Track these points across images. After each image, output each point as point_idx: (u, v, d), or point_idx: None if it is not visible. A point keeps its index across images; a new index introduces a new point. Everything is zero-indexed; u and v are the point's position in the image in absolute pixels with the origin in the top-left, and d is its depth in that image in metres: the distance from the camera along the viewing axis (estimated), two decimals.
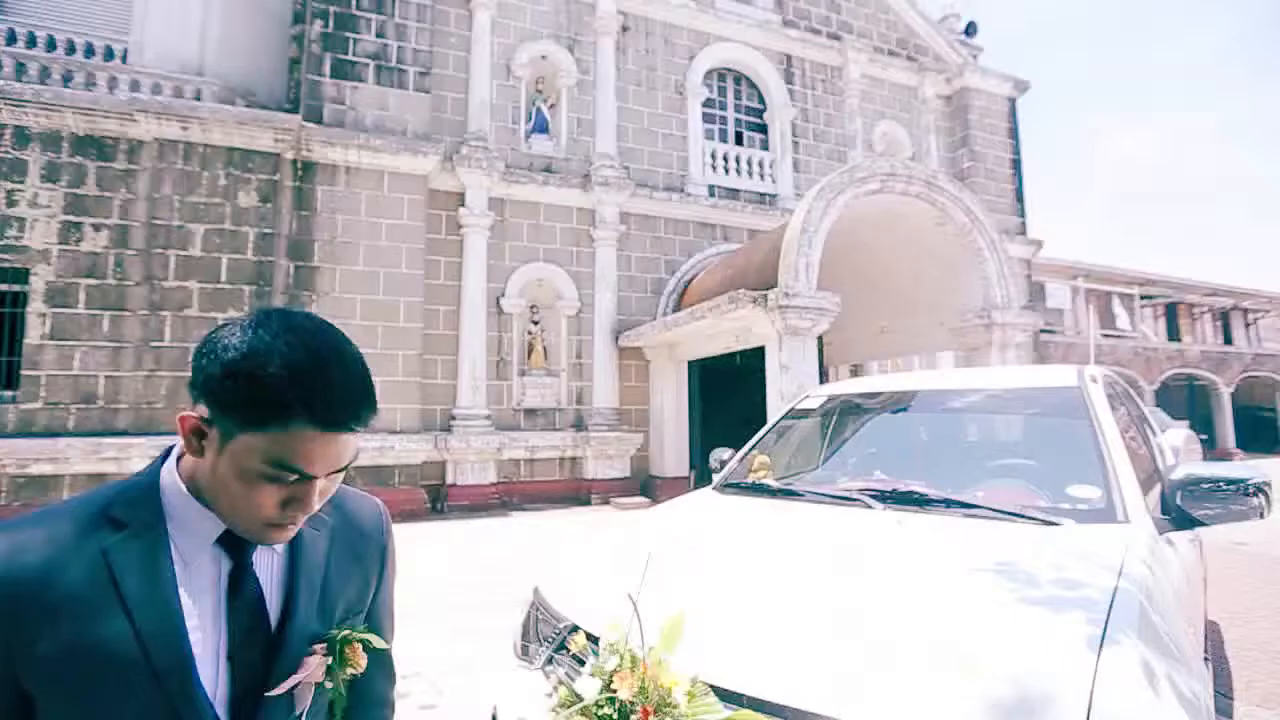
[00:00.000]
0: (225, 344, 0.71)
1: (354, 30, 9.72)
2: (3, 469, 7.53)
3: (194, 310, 8.33)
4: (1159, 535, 1.77)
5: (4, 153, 7.95)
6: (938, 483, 2.13)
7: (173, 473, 0.79)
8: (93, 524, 0.72)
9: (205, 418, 0.72)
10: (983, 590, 1.37)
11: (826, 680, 1.16)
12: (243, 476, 0.70)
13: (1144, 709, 1.06)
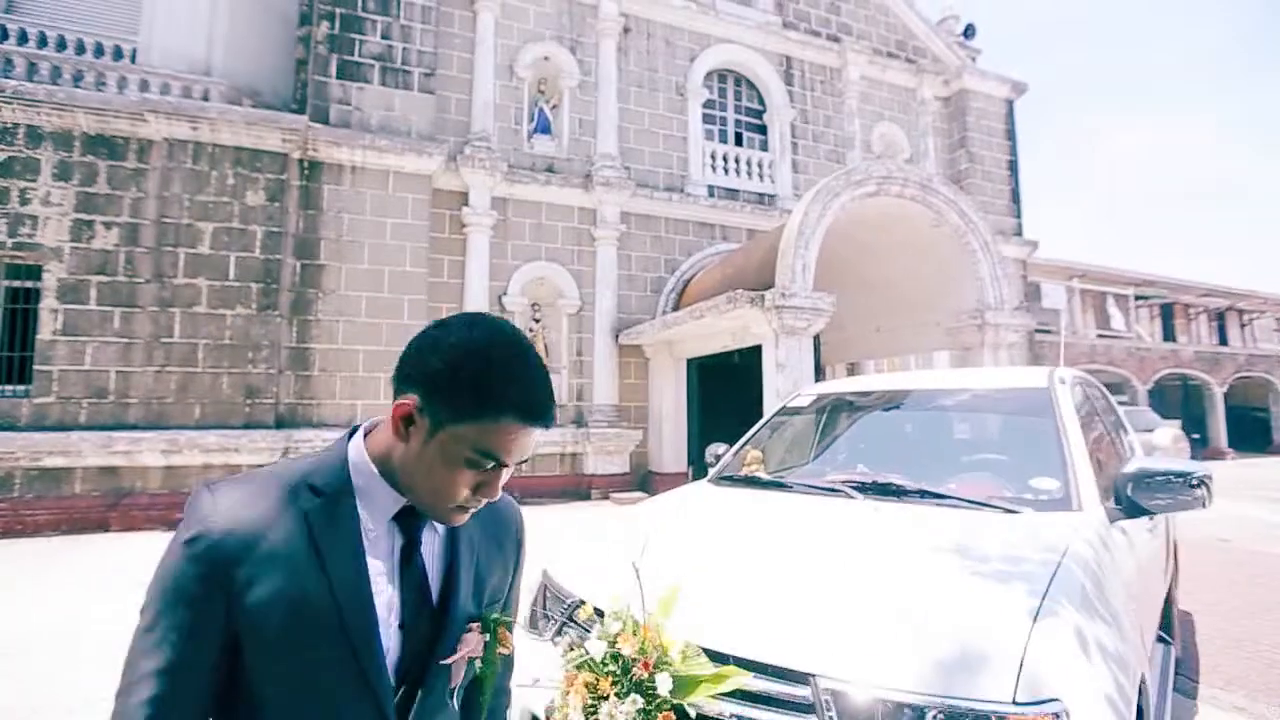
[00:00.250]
0: (446, 343, 0.78)
1: (359, 32, 9.87)
2: (16, 462, 7.71)
3: (203, 307, 8.50)
4: (1110, 523, 1.95)
5: (17, 152, 8.10)
6: (915, 476, 2.30)
7: (361, 451, 0.85)
8: (296, 489, 0.80)
9: (418, 407, 0.78)
10: (941, 567, 1.55)
11: (798, 641, 1.34)
12: (447, 461, 0.77)
13: (1069, 666, 1.24)
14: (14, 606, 4.85)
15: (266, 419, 8.64)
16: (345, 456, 0.85)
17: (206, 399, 8.39)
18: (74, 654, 3.91)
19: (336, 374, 9.17)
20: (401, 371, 0.81)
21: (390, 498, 0.83)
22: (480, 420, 0.76)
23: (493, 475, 0.81)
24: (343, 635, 0.76)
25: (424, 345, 0.80)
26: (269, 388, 8.68)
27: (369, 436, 0.87)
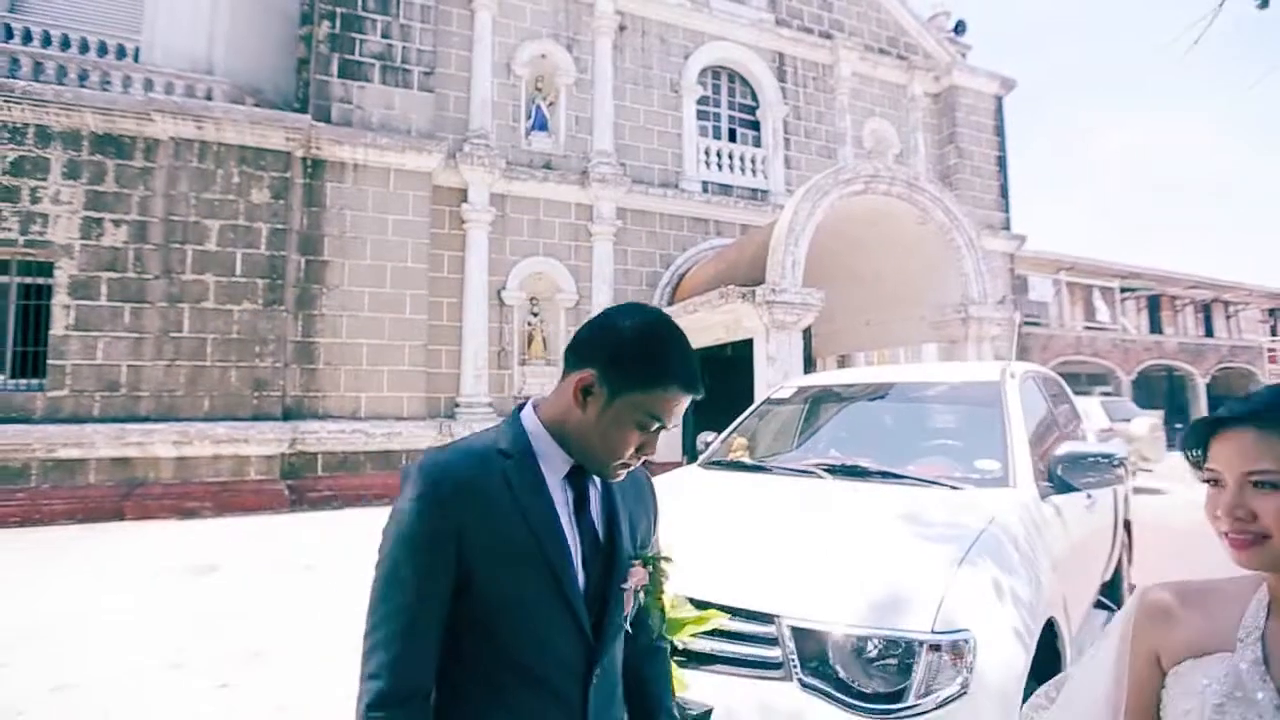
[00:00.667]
0: (622, 327, 0.94)
1: (360, 31, 10.06)
2: (33, 453, 7.97)
3: (210, 303, 8.74)
4: (1041, 498, 2.27)
5: (27, 151, 8.30)
6: (881, 459, 2.61)
7: (535, 421, 0.99)
8: (491, 453, 0.95)
9: (597, 380, 0.92)
10: (889, 532, 1.86)
11: (765, 589, 1.65)
12: (620, 424, 0.92)
13: (979, 605, 1.55)
14: (34, 592, 5.15)
15: (274, 411, 8.91)
16: (523, 426, 0.99)
17: (215, 392, 8.65)
18: (86, 638, 4.21)
19: (341, 367, 9.44)
20: (579, 352, 0.97)
21: (562, 459, 0.97)
22: (651, 389, 0.91)
23: (653, 437, 0.95)
24: (546, 566, 0.92)
25: (600, 329, 0.96)
26: (276, 381, 8.95)
27: (538, 409, 1.01)
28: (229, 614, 4.54)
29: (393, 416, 9.62)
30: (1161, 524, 7.81)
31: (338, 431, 9.20)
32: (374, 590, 0.91)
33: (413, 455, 9.57)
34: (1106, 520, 3.29)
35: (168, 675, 3.53)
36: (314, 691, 3.33)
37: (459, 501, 0.89)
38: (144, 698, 3.27)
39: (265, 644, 3.98)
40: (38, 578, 5.48)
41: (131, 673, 3.55)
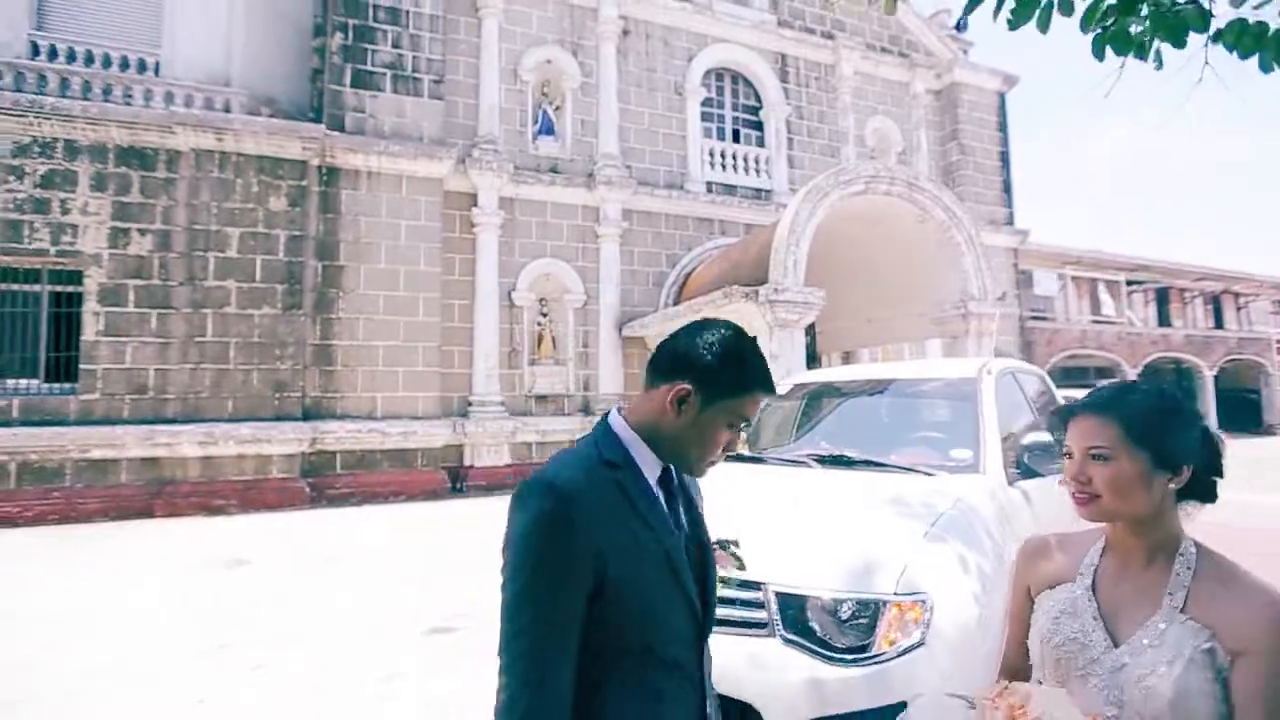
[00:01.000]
0: (709, 343, 1.04)
1: (371, 42, 10.35)
2: (67, 454, 8.33)
3: (232, 308, 9.07)
4: (1009, 483, 2.50)
5: (56, 164, 8.65)
6: (866, 449, 2.85)
7: (627, 429, 1.07)
8: (600, 464, 1.02)
9: (690, 390, 1.02)
10: (864, 512, 2.10)
11: (753, 561, 1.89)
12: (714, 427, 1.03)
13: (939, 572, 1.79)
14: (78, 584, 5.47)
15: (294, 411, 9.24)
16: (619, 436, 1.06)
17: (239, 394, 8.98)
18: (129, 624, 4.52)
19: (358, 368, 9.75)
20: (669, 367, 1.06)
21: (654, 462, 1.06)
22: (739, 395, 1.03)
23: (737, 437, 1.07)
24: (666, 562, 1.01)
25: (689, 347, 1.05)
26: (296, 382, 9.27)
27: (627, 418, 1.09)
28: (260, 603, 4.83)
29: (408, 416, 9.92)
30: None
31: (355, 431, 9.52)
32: (511, 605, 0.94)
33: (427, 453, 9.91)
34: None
35: (207, 658, 3.82)
36: (345, 673, 3.61)
37: (588, 518, 0.94)
38: (187, 678, 3.55)
39: (296, 631, 4.27)
40: (80, 571, 5.81)
41: (174, 655, 3.84)
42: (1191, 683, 0.91)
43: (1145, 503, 1.01)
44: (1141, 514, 1.02)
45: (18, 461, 8.18)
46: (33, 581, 5.45)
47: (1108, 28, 2.03)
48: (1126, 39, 2.00)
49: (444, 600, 4.73)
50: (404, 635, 4.10)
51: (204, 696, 3.31)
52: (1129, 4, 1.98)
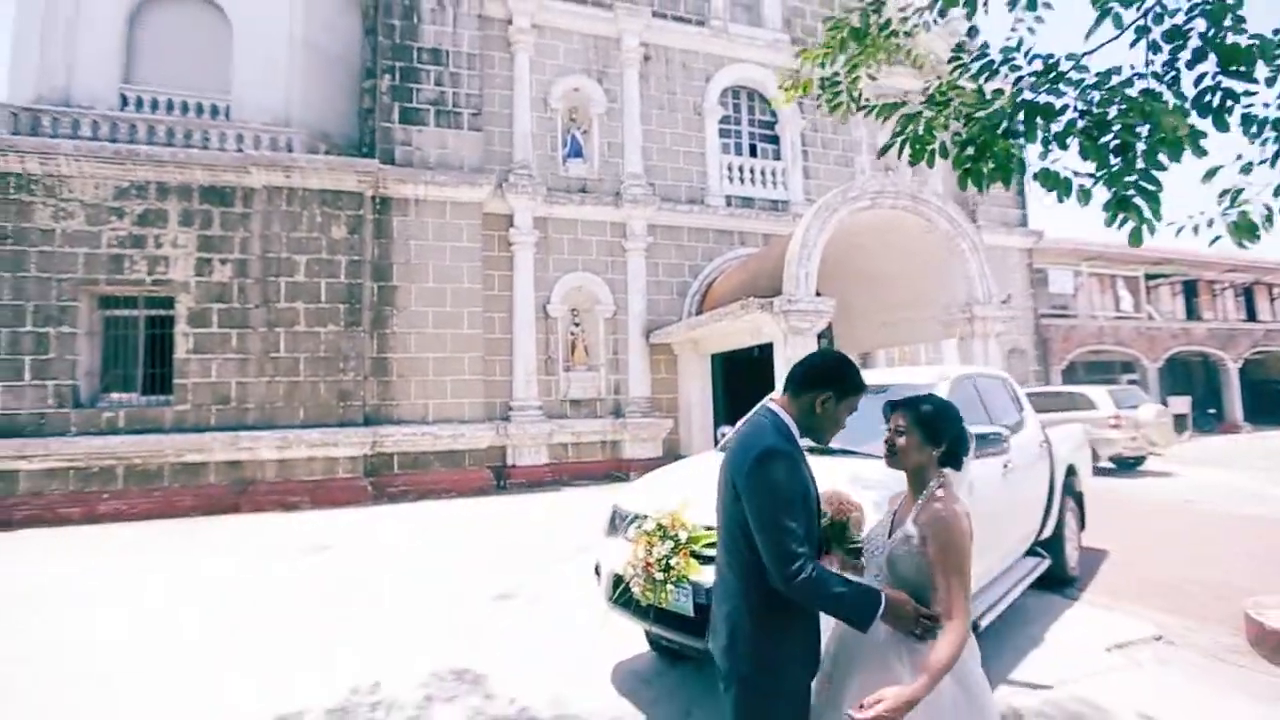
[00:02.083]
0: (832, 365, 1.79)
1: (417, 81, 11.40)
2: (165, 458, 9.49)
3: (302, 326, 10.16)
4: None
5: (150, 205, 9.84)
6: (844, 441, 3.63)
7: (790, 420, 1.76)
8: (787, 440, 1.71)
9: (828, 396, 1.75)
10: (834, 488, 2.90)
11: None
12: (841, 415, 1.77)
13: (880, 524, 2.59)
14: (196, 566, 6.52)
15: (356, 418, 10.29)
16: (787, 424, 1.77)
17: (308, 403, 10.07)
18: (245, 595, 5.51)
19: (411, 378, 10.78)
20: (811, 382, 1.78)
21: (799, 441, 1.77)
22: (854, 395, 1.79)
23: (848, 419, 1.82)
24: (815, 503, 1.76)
25: (823, 369, 1.79)
26: (357, 392, 10.33)
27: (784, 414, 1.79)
28: (352, 578, 5.79)
29: (456, 420, 10.91)
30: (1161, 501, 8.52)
31: (410, 434, 10.54)
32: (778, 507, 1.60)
33: (474, 454, 10.88)
34: (1033, 490, 4.24)
35: (312, 620, 4.76)
36: (424, 627, 4.51)
37: (800, 462, 1.72)
38: (299, 635, 4.49)
39: (392, 595, 5.20)
40: (210, 553, 6.87)
41: (282, 619, 4.79)
42: (901, 553, 1.70)
43: (917, 461, 1.80)
44: (914, 467, 1.81)
45: (124, 465, 9.37)
46: (183, 560, 6.51)
47: (968, 169, 2.86)
48: (980, 176, 2.84)
49: (501, 577, 5.63)
50: (478, 600, 5.00)
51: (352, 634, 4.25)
52: (979, 154, 2.78)
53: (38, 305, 9.30)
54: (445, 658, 3.84)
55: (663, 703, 3.21)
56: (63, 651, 4.09)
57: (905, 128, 3.09)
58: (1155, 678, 3.37)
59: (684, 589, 2.76)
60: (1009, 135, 2.84)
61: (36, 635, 4.38)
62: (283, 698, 3.35)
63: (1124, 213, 2.68)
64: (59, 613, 4.86)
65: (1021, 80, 2.91)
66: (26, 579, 5.95)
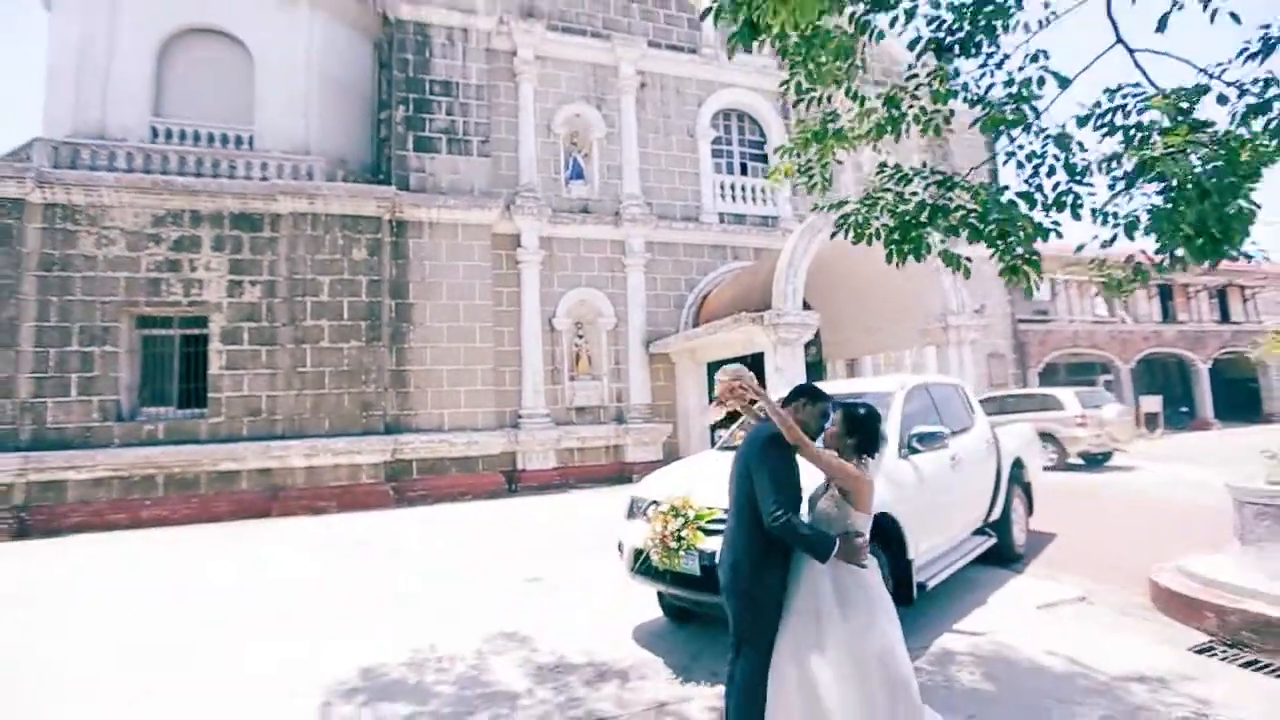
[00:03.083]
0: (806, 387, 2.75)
1: (429, 112, 12.21)
2: (201, 467, 10.22)
3: (326, 342, 10.92)
4: (902, 457, 4.08)
5: (185, 231, 10.60)
6: None
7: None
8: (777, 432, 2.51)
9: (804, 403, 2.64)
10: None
11: None
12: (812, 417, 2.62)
13: None
14: (248, 560, 7.27)
15: (378, 427, 11.05)
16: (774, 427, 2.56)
17: (333, 414, 10.82)
18: (303, 582, 6.26)
19: (428, 389, 11.55)
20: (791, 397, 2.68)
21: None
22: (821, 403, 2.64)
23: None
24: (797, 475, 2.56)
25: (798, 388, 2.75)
26: (378, 403, 11.09)
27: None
28: (393, 567, 6.54)
29: (469, 428, 11.68)
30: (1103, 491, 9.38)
31: (428, 442, 11.30)
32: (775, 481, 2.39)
33: (486, 459, 11.65)
34: (979, 479, 5.07)
35: (370, 598, 5.53)
36: (468, 604, 5.27)
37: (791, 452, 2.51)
38: (361, 610, 5.25)
39: (434, 580, 5.97)
40: (240, 554, 7.61)
41: (343, 599, 5.55)
42: (821, 496, 2.51)
43: (838, 446, 2.60)
44: (838, 449, 2.59)
45: (164, 474, 10.09)
46: (246, 554, 7.25)
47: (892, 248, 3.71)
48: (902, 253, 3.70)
49: (526, 565, 6.40)
50: (510, 582, 5.77)
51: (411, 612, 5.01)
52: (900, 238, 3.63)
53: (83, 326, 10.04)
54: (491, 625, 4.61)
55: (675, 652, 4.00)
56: (216, 614, 4.85)
57: (849, 219, 3.91)
58: (1070, 628, 4.18)
59: (692, 555, 3.56)
60: (920, 226, 3.67)
61: (199, 605, 5.13)
62: (362, 655, 4.12)
63: (1014, 276, 3.53)
64: (195, 589, 5.61)
65: (928, 187, 3.76)
66: (152, 567, 6.70)
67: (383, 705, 3.48)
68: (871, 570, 2.45)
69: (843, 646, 2.26)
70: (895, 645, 2.32)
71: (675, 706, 3.29)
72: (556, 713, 3.29)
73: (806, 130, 4.43)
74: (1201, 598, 3.98)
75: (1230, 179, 2.82)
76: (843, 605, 2.32)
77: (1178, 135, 3.06)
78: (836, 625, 2.29)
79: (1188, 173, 2.89)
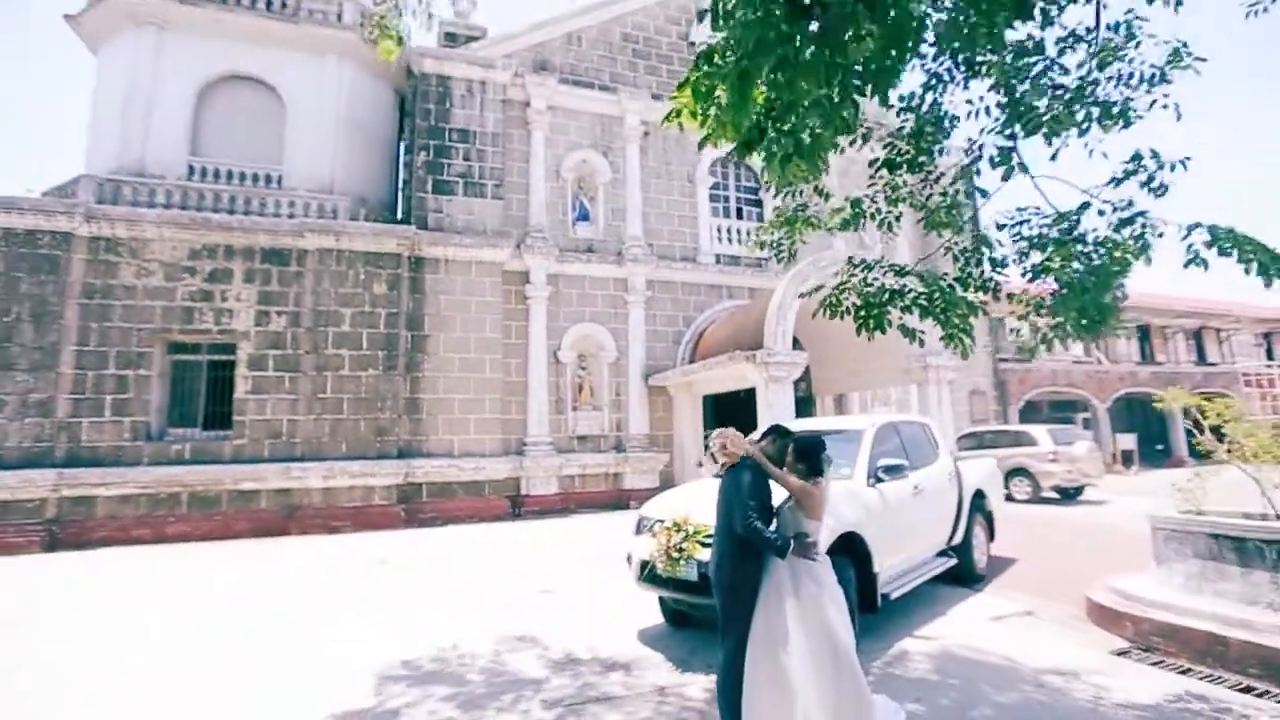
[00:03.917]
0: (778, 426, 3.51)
1: (448, 157, 13.14)
2: (224, 486, 10.81)
3: (345, 370, 11.62)
4: (869, 485, 4.81)
5: (218, 264, 11.37)
6: None
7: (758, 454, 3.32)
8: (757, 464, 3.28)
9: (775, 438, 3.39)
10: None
11: None
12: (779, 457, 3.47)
13: None
14: (272, 574, 7.85)
15: (391, 451, 11.69)
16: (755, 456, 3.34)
17: (350, 438, 11.47)
18: (334, 590, 6.87)
19: (439, 416, 12.22)
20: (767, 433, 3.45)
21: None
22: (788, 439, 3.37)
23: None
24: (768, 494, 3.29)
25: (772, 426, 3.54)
26: (393, 429, 11.75)
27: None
28: (414, 580, 7.16)
29: (478, 454, 12.33)
30: (1070, 522, 10.07)
31: (438, 466, 11.93)
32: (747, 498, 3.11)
33: (493, 484, 12.28)
34: (941, 507, 5.78)
35: (393, 607, 6.14)
36: (502, 606, 5.90)
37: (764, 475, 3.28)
38: (387, 617, 5.87)
39: (454, 592, 6.59)
40: (274, 568, 8.19)
41: (369, 608, 6.17)
42: (784, 508, 3.22)
43: (797, 471, 3.32)
44: (793, 471, 3.32)
45: (188, 492, 10.67)
46: (272, 571, 7.83)
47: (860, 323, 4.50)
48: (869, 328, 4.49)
49: (537, 580, 7.02)
50: (523, 594, 6.40)
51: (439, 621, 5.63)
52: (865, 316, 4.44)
53: (119, 351, 10.73)
54: (506, 629, 5.25)
55: (674, 649, 4.65)
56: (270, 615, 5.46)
57: (825, 301, 4.73)
58: (1015, 636, 4.86)
59: (691, 564, 4.25)
60: (881, 305, 4.48)
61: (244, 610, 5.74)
62: (398, 651, 4.75)
63: (952, 343, 4.34)
64: (245, 596, 6.21)
65: (887, 274, 4.60)
66: (200, 578, 7.28)
67: (426, 686, 4.12)
68: (824, 566, 3.16)
69: (796, 618, 2.97)
70: (838, 620, 3.01)
71: (675, 689, 3.95)
72: (573, 693, 3.94)
73: (781, 216, 5.24)
74: (1122, 610, 4.68)
75: (1104, 278, 3.66)
76: (797, 588, 3.02)
77: (1063, 249, 3.91)
78: (792, 602, 2.99)
79: (1071, 276, 3.72)
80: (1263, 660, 3.80)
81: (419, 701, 3.91)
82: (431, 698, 3.96)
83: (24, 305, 10.31)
